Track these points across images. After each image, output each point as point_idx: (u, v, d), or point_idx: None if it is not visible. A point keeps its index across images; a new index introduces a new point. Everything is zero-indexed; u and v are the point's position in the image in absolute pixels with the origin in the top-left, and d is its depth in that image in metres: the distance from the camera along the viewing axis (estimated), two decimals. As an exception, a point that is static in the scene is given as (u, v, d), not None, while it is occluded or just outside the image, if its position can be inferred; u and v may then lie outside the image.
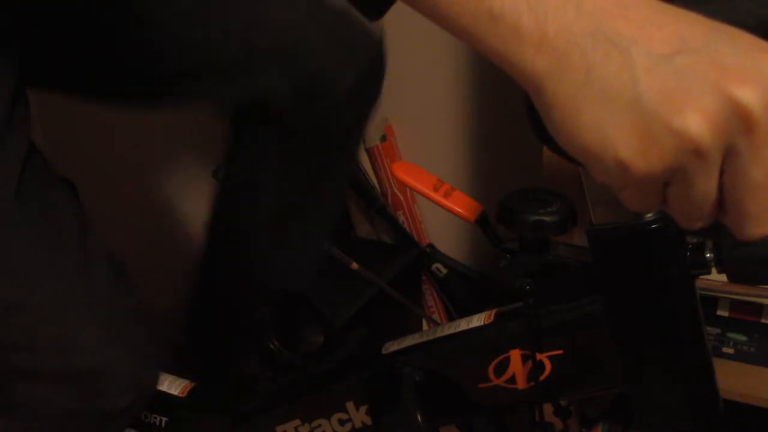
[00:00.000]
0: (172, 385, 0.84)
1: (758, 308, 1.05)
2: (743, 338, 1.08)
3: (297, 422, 0.75)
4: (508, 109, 1.31)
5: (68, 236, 0.65)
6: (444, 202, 0.67)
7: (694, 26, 0.35)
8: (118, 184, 1.53)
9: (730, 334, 1.08)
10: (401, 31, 0.81)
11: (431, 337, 0.70)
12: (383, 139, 1.45)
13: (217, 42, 0.72)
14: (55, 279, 0.64)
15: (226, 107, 0.78)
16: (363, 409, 0.72)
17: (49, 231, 0.64)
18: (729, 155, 0.34)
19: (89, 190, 0.89)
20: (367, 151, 1.47)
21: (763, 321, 1.06)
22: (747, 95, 0.33)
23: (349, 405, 0.72)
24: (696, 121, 0.33)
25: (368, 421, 0.72)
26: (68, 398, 0.67)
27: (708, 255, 0.53)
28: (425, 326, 1.40)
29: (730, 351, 1.09)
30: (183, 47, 0.71)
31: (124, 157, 1.54)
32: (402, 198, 1.46)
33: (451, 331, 0.69)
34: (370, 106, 0.82)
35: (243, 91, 0.74)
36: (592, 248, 0.55)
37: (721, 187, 0.36)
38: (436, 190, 0.67)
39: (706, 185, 0.35)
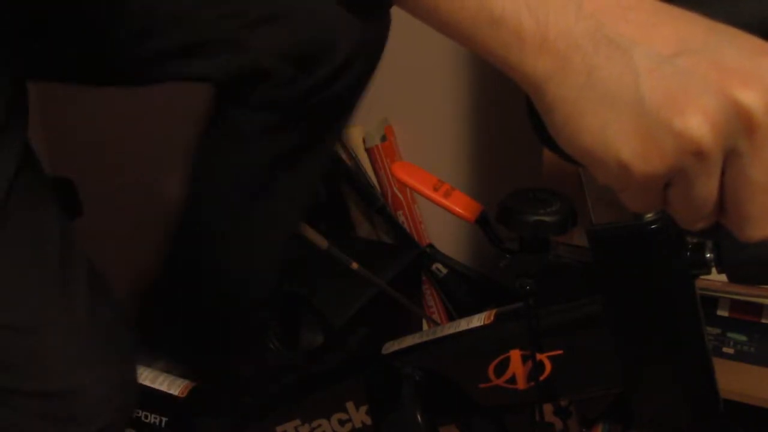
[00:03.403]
0: (172, 385, 0.84)
1: (758, 308, 1.05)
2: (743, 338, 1.08)
3: (297, 422, 0.75)
4: (509, 109, 1.31)
5: (50, 253, 0.63)
6: (444, 202, 0.67)
7: (695, 27, 0.35)
8: (112, 175, 1.53)
9: (730, 334, 1.08)
10: (401, 31, 0.81)
11: (431, 337, 0.70)
12: (383, 139, 1.45)
13: (208, 15, 0.70)
14: (34, 299, 0.62)
15: (218, 81, 0.75)
16: (363, 409, 0.72)
17: (32, 249, 0.62)
18: (730, 157, 0.34)
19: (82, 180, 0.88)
20: (367, 151, 1.47)
21: (763, 321, 1.06)
22: (748, 97, 0.33)
23: (349, 405, 0.72)
24: (697, 122, 0.33)
25: (368, 421, 0.72)
26: (39, 421, 0.65)
27: (708, 255, 0.53)
28: (425, 326, 1.40)
29: (730, 351, 1.09)
30: (171, 20, 0.70)
31: (121, 150, 1.54)
32: (402, 198, 1.46)
33: (451, 331, 0.69)
34: (364, 80, 0.77)
35: (234, 65, 0.72)
36: (592, 248, 0.55)
37: (721, 189, 0.36)
38: (436, 190, 0.67)
39: (707, 186, 0.35)
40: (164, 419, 0.83)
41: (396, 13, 0.47)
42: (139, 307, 0.94)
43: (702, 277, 0.55)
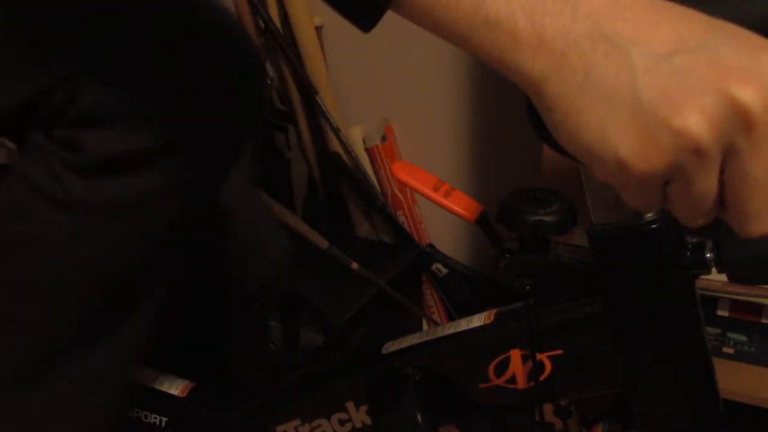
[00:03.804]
0: (172, 385, 0.84)
1: (758, 308, 1.05)
2: (743, 338, 1.08)
3: (297, 422, 0.75)
4: (508, 108, 1.31)
5: None
6: (444, 202, 0.67)
7: (693, 24, 0.35)
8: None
9: (730, 334, 1.08)
10: (401, 31, 0.80)
11: (431, 337, 0.70)
12: (383, 139, 1.45)
13: None
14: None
15: None
16: (363, 409, 0.72)
17: None
18: (729, 153, 0.34)
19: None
20: (367, 151, 1.47)
21: (763, 321, 1.06)
22: (746, 94, 0.33)
23: (349, 405, 0.72)
24: (695, 121, 0.33)
25: (368, 421, 0.72)
26: None
27: (708, 255, 0.53)
28: (425, 326, 1.40)
29: (730, 351, 1.09)
30: None
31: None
32: (402, 198, 1.46)
33: (451, 331, 0.69)
34: None
35: None
36: (592, 248, 0.55)
37: (721, 185, 0.36)
38: (436, 190, 0.67)
39: (706, 183, 0.35)
40: (164, 419, 0.83)
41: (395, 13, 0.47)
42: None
43: (702, 277, 0.55)
